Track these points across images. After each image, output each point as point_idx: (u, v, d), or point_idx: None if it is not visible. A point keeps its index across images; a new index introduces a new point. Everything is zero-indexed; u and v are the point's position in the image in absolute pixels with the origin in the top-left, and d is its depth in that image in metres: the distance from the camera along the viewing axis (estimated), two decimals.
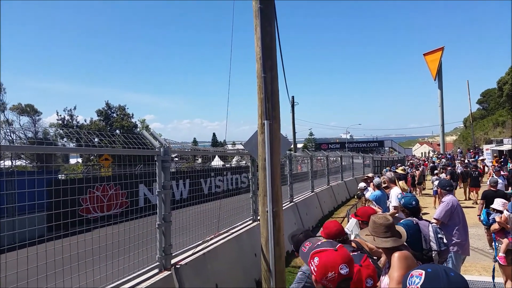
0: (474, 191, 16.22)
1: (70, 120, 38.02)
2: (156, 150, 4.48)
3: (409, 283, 1.33)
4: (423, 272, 1.32)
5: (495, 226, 5.69)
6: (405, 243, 2.96)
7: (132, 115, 41.21)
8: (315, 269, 1.84)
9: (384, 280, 2.74)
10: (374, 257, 3.16)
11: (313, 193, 13.60)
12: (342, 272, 1.79)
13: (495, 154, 29.60)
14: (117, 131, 36.00)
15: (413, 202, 4.38)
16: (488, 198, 8.96)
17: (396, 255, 2.71)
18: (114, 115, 40.48)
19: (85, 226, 4.11)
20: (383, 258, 3.46)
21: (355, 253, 2.69)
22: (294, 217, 10.54)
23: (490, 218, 5.88)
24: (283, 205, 10.26)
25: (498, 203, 6.10)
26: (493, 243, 5.89)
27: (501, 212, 5.89)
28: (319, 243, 1.97)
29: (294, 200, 11.25)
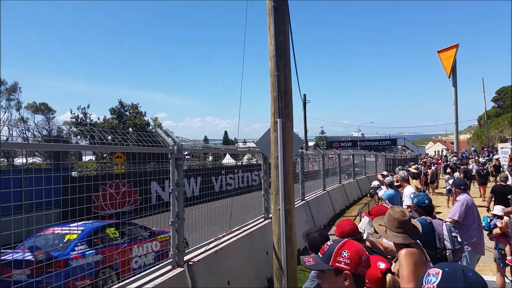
0: (482, 189, 16.52)
1: (84, 118, 38.55)
2: (170, 148, 4.52)
3: (425, 281, 1.30)
4: (440, 271, 1.29)
5: (497, 230, 5.76)
6: (418, 241, 2.92)
7: (145, 113, 41.63)
8: (348, 261, 1.82)
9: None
10: (388, 256, 3.13)
11: (325, 191, 13.56)
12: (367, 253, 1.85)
13: (509, 153, 29.07)
14: (130, 129, 36.37)
15: (426, 201, 4.34)
16: (496, 193, 9.17)
17: (402, 252, 2.68)
18: (127, 113, 40.89)
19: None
20: None
21: None
22: (306, 215, 10.52)
23: (491, 223, 5.96)
24: (295, 203, 10.24)
25: (498, 209, 6.25)
26: (495, 246, 6.07)
27: (501, 217, 5.97)
28: (330, 242, 1.96)
29: (305, 198, 11.23)
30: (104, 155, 29.94)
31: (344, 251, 1.85)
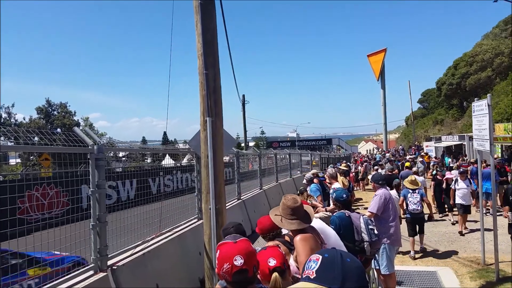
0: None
1: (8, 118, 35.71)
2: (89, 148, 4.29)
3: (306, 267, 1.33)
4: (320, 257, 1.33)
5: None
6: (313, 225, 2.98)
7: (75, 112, 39.37)
8: (217, 262, 1.87)
9: (290, 261, 2.81)
10: None
11: (262, 190, 13.73)
12: (236, 263, 1.81)
13: (424, 152, 31.57)
14: (58, 130, 34.23)
15: (344, 195, 4.48)
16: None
17: (297, 239, 2.72)
18: (55, 112, 38.43)
19: (19, 228, 3.85)
20: None
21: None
22: (242, 214, 10.59)
23: None
24: (231, 202, 10.28)
25: None
26: None
27: None
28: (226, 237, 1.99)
29: (242, 197, 11.30)
30: (31, 157, 27.88)
31: (218, 252, 1.94)
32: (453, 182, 10.59)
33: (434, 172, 13.21)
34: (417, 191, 8.47)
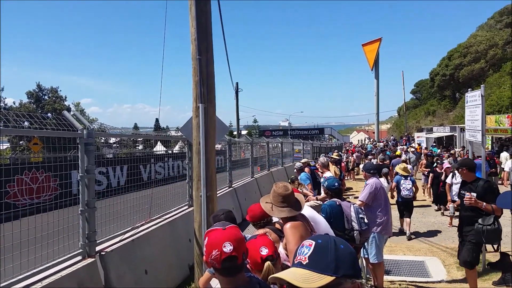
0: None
1: None
2: (79, 132, 4.21)
3: (298, 253, 1.31)
4: (314, 242, 1.30)
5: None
6: (303, 213, 2.97)
7: (65, 97, 38.90)
8: (205, 249, 1.82)
9: (279, 249, 2.78)
10: None
11: (253, 178, 13.73)
12: (225, 250, 1.77)
13: (417, 143, 31.85)
14: (49, 115, 33.83)
15: (336, 184, 4.49)
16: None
17: (287, 227, 2.70)
18: (46, 97, 37.93)
19: (6, 212, 3.79)
20: None
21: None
22: (233, 202, 10.59)
23: None
24: (222, 190, 10.26)
25: None
26: None
27: None
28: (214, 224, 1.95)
29: (233, 185, 11.30)
30: (21, 142, 27.54)
31: (206, 239, 1.85)
32: (450, 175, 9.85)
33: (435, 164, 12.70)
34: (408, 178, 9.28)
